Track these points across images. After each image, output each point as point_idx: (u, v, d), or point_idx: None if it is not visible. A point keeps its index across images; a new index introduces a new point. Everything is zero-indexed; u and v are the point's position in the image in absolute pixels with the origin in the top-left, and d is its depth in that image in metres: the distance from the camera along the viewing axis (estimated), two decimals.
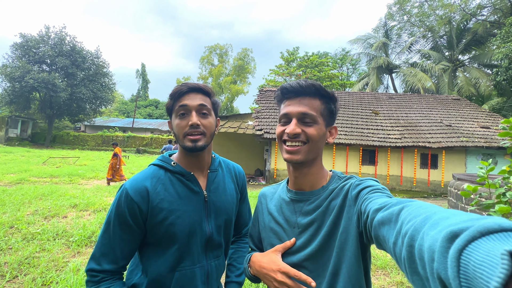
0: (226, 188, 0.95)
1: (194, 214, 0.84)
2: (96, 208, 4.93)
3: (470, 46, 19.28)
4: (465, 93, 17.25)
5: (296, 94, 0.71)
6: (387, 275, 2.96)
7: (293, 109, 0.70)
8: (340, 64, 33.06)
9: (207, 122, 0.84)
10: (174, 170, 0.85)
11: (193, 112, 0.82)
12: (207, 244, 0.87)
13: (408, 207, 0.42)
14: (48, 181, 7.89)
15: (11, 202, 4.90)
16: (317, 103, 0.71)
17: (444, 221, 0.31)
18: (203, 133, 0.83)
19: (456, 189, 5.46)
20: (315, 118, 0.69)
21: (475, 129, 10.55)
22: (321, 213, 0.69)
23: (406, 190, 9.78)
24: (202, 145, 0.83)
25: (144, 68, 53.46)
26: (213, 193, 0.90)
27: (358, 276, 0.63)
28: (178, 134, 0.84)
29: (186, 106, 0.82)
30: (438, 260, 0.28)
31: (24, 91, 21.25)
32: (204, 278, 0.85)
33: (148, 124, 33.34)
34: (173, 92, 0.84)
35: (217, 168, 0.95)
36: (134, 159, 16.85)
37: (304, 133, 0.69)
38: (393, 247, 0.40)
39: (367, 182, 0.65)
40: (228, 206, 0.93)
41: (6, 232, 3.52)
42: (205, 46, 46.59)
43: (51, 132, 24.48)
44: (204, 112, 0.84)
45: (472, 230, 0.26)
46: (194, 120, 0.81)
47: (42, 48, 22.56)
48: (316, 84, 0.71)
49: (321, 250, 0.67)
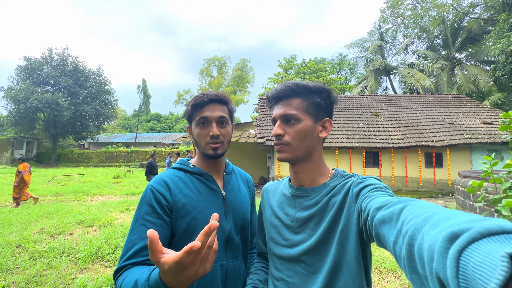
0: (240, 190, 1.00)
1: (215, 210, 0.88)
2: (102, 224, 4.93)
3: (466, 44, 19.39)
4: (465, 91, 17.23)
5: (278, 99, 0.76)
6: (397, 277, 2.90)
7: (276, 112, 0.76)
8: (338, 68, 33.38)
9: (225, 131, 0.92)
10: (192, 171, 0.92)
11: (213, 124, 0.89)
12: (226, 242, 0.89)
13: (410, 206, 0.42)
14: (54, 200, 7.94)
15: (17, 221, 4.93)
16: (297, 101, 0.72)
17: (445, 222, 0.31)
18: (222, 142, 0.91)
19: (463, 187, 5.40)
20: (296, 117, 0.71)
21: (478, 126, 10.48)
22: (320, 209, 0.70)
23: (413, 191, 9.65)
24: (222, 153, 0.91)
25: (145, 83, 54.43)
26: (230, 193, 0.95)
27: (359, 273, 0.63)
28: (199, 142, 0.91)
29: (207, 118, 0.89)
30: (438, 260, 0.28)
31: (29, 112, 21.66)
32: (223, 277, 0.86)
33: (150, 138, 33.62)
34: (194, 103, 0.89)
35: (231, 172, 1.03)
36: (138, 174, 16.91)
37: (286, 134, 0.72)
38: (393, 246, 0.40)
39: (369, 181, 0.65)
40: (244, 207, 0.97)
41: (13, 251, 3.53)
42: (204, 58, 47.48)
43: (55, 151, 24.74)
44: (222, 122, 0.91)
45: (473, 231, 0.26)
46: (215, 131, 0.88)
47: (45, 70, 23.12)
48: (292, 84, 0.73)
49: (320, 245, 0.68)
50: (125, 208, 6.45)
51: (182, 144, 28.12)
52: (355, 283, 0.63)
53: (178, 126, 42.39)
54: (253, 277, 0.86)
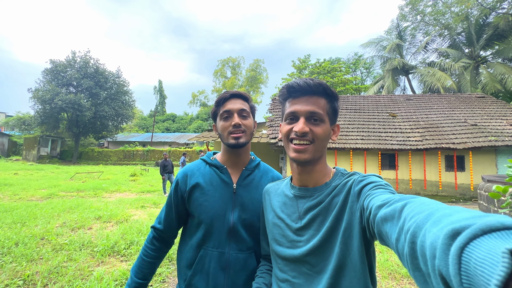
0: (259, 187, 1.01)
1: (221, 201, 0.96)
2: (119, 220, 5.12)
3: (492, 41, 18.31)
4: (490, 90, 16.29)
5: (303, 93, 0.71)
6: (413, 284, 2.80)
7: (301, 107, 0.70)
8: (353, 68, 32.65)
9: (247, 122, 0.99)
10: (211, 163, 1.03)
11: (235, 114, 0.97)
12: (229, 233, 0.94)
13: (411, 204, 0.42)
14: (75, 195, 8.34)
15: (42, 215, 5.23)
16: (323, 102, 0.71)
17: (446, 218, 0.32)
18: (244, 131, 0.97)
19: (486, 192, 5.10)
20: (322, 117, 0.70)
21: (504, 127, 9.87)
22: (323, 209, 0.69)
23: (432, 195, 9.24)
24: (244, 142, 0.97)
25: (161, 84, 55.87)
26: (243, 188, 0.99)
27: (364, 272, 0.63)
28: (222, 133, 0.98)
29: (229, 110, 0.97)
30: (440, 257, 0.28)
31: (54, 112, 22.96)
32: (223, 264, 0.93)
33: (166, 137, 34.46)
34: (218, 100, 1.00)
35: (254, 169, 1.05)
36: (154, 172, 17.39)
37: (311, 132, 0.69)
38: (396, 243, 0.41)
39: (370, 178, 0.64)
40: (257, 205, 0.98)
41: (37, 243, 3.75)
42: (218, 59, 48.09)
43: (77, 149, 26.02)
44: (244, 115, 0.99)
45: (474, 228, 0.26)
46: (236, 120, 0.95)
47: (69, 72, 24.38)
48: (323, 83, 0.72)
49: (323, 245, 0.67)
50: (141, 205, 6.66)
51: (196, 143, 28.61)
52: (360, 282, 0.62)
53: (192, 126, 43.12)
54: (258, 281, 0.86)
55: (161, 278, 2.93)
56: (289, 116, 0.73)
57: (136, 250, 3.61)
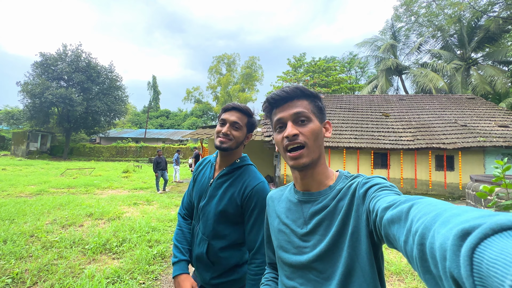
0: (227, 189, 1.17)
1: (200, 189, 1.24)
2: (111, 217, 5.07)
3: (482, 43, 18.71)
4: (480, 92, 16.67)
5: (284, 100, 0.73)
6: (401, 281, 2.87)
7: (286, 113, 0.72)
8: (348, 67, 32.89)
9: (237, 133, 1.16)
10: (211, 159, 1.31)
11: (227, 124, 1.15)
12: (198, 212, 1.23)
13: (418, 204, 0.41)
14: (66, 192, 8.19)
15: (31, 212, 5.13)
16: (305, 103, 0.73)
17: (455, 218, 0.31)
18: (231, 140, 1.14)
19: (474, 191, 5.25)
20: (308, 115, 0.71)
21: (493, 128, 10.13)
22: (329, 213, 0.68)
23: (422, 194, 9.44)
24: (225, 147, 1.14)
25: (155, 80, 55.11)
26: (217, 183, 1.20)
27: (373, 276, 0.61)
28: (215, 135, 1.18)
29: (225, 120, 1.16)
30: (450, 258, 0.27)
31: (44, 106, 22.34)
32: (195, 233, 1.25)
33: (159, 134, 34.11)
34: (223, 108, 1.20)
35: (232, 171, 1.19)
36: (147, 169, 17.22)
37: (301, 134, 0.70)
38: (404, 245, 0.39)
39: (375, 180, 0.63)
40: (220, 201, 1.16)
41: (27, 240, 3.68)
42: (213, 56, 47.65)
43: (68, 145, 25.48)
44: (236, 127, 1.16)
45: (484, 228, 0.25)
46: (225, 130, 1.14)
47: (60, 65, 23.75)
48: (300, 86, 0.73)
49: (331, 250, 0.65)
50: (133, 202, 6.60)
51: (190, 140, 28.42)
52: (369, 287, 0.61)
53: (186, 123, 42.76)
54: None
55: (154, 275, 2.93)
56: (277, 124, 0.75)
57: (129, 248, 3.59)
